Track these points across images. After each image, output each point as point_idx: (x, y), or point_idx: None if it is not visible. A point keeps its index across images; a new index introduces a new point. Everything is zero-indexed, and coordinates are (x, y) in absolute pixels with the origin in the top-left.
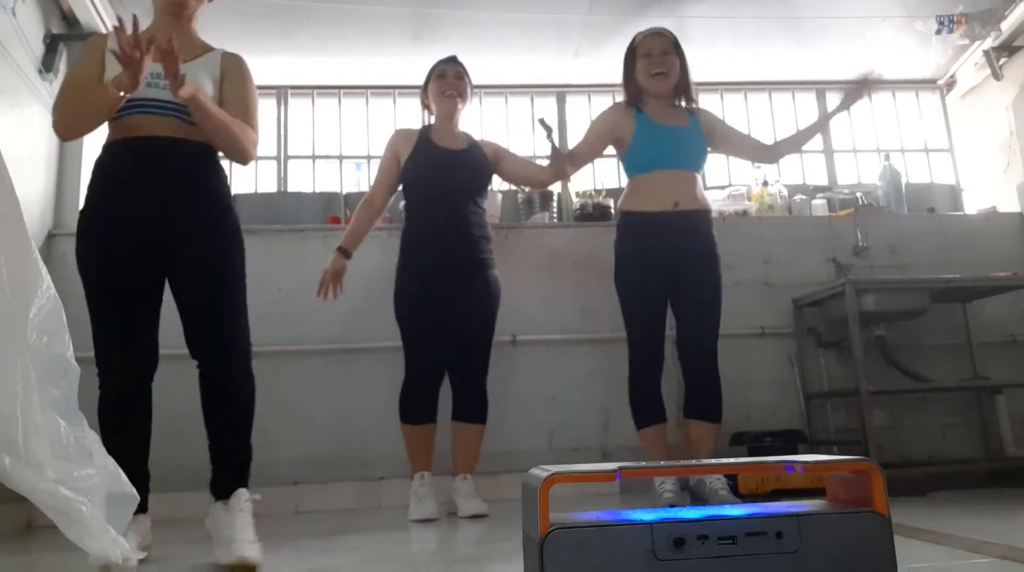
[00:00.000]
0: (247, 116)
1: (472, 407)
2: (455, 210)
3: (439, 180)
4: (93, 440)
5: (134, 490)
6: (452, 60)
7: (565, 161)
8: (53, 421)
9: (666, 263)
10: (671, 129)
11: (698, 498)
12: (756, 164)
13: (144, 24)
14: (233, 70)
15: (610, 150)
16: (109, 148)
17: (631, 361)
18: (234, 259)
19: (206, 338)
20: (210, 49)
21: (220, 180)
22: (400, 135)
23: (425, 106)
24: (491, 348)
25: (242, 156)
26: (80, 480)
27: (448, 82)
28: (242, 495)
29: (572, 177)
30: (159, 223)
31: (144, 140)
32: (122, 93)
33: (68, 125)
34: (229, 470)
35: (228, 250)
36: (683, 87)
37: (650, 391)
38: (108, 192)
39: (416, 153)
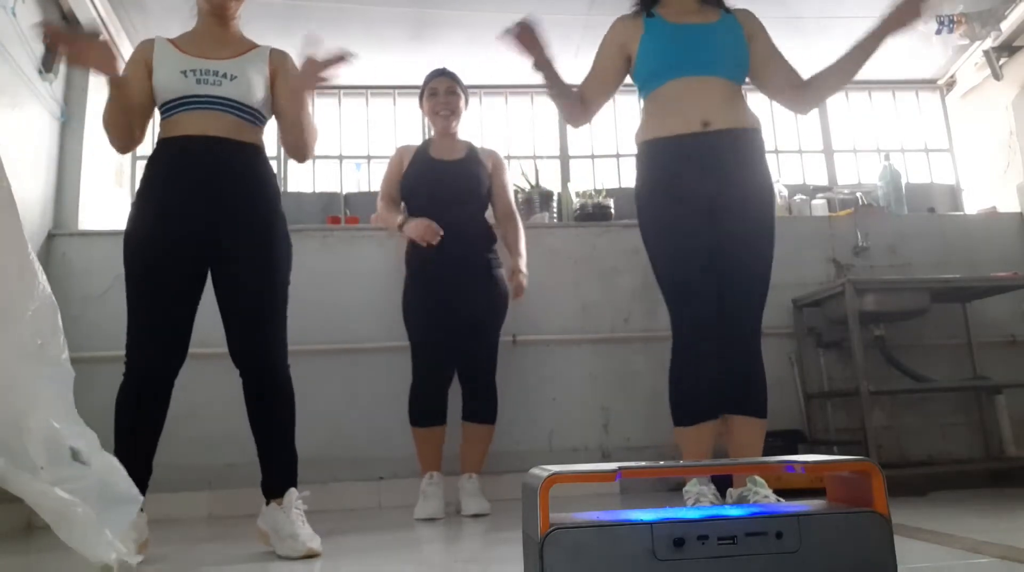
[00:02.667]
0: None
1: (482, 407)
2: (453, 218)
3: (433, 191)
4: (91, 439)
5: (137, 491)
6: (443, 73)
7: (576, 105)
8: (47, 424)
9: (704, 204)
10: (690, 26)
11: None
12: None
13: (189, 26)
14: (285, 71)
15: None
16: (160, 145)
17: (673, 345)
18: (281, 265)
19: (250, 348)
20: (255, 45)
21: (270, 183)
22: (403, 148)
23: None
24: (498, 347)
25: (307, 155)
26: (74, 482)
27: (440, 100)
28: (294, 494)
29: (585, 127)
30: (206, 222)
31: (193, 139)
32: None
33: (111, 139)
34: (280, 471)
35: (276, 259)
36: None
37: (692, 382)
38: (155, 189)
39: (412, 165)
